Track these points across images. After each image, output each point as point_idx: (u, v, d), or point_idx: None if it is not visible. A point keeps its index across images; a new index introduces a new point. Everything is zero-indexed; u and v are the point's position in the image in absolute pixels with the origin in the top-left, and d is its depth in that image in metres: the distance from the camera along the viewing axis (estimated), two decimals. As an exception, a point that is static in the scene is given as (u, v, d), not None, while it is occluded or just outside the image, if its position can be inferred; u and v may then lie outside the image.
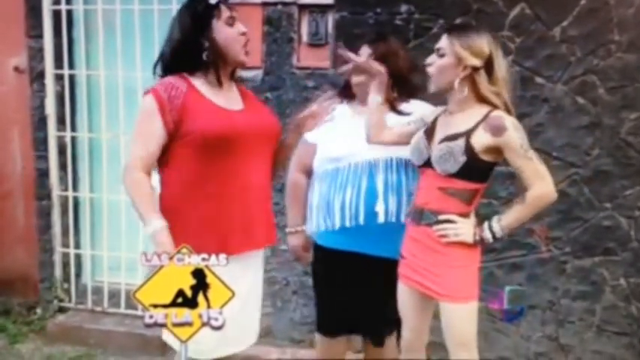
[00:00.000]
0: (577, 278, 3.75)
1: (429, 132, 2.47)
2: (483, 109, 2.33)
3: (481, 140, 2.28)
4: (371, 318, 2.78)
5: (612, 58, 3.56)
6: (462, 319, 2.39)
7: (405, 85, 2.77)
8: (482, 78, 2.32)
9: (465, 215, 2.38)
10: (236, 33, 2.33)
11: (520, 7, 3.59)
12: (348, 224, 2.60)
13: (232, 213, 2.30)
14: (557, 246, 3.73)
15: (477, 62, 2.31)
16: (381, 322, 2.81)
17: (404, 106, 2.77)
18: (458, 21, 3.60)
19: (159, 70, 2.37)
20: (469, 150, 2.28)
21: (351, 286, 2.72)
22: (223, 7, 2.33)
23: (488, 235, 2.35)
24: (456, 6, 3.63)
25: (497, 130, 2.26)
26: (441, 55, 2.38)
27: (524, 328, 3.79)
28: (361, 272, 2.68)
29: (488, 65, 2.32)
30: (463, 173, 2.30)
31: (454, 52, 2.33)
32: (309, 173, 2.83)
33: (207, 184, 2.27)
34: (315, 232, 2.78)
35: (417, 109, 2.75)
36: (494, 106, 2.32)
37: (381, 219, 2.58)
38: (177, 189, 2.32)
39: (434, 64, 2.41)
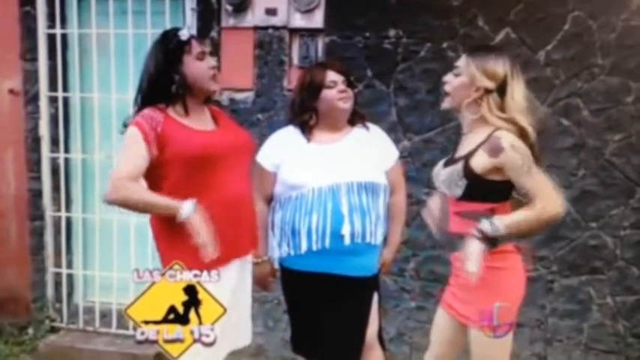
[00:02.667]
0: (564, 297, 3.80)
1: (449, 160, 2.45)
2: (488, 130, 2.29)
3: (480, 162, 2.25)
4: (341, 335, 2.77)
5: (596, 81, 3.65)
6: (496, 347, 2.36)
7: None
8: (491, 101, 2.29)
9: None
10: (206, 67, 2.47)
11: (505, 31, 3.68)
12: (314, 248, 2.63)
13: (220, 225, 2.38)
14: (544, 265, 3.78)
15: (489, 84, 2.29)
16: (353, 339, 2.80)
17: (366, 130, 2.86)
18: (445, 45, 3.69)
19: (138, 102, 2.51)
20: (468, 172, 2.27)
21: (320, 306, 2.74)
22: (194, 43, 2.47)
23: (486, 227, 2.20)
24: (443, 30, 3.72)
25: (494, 151, 2.22)
26: (457, 75, 2.38)
27: (512, 347, 3.81)
28: (329, 291, 2.70)
29: (502, 89, 2.30)
30: (469, 195, 2.29)
31: (469, 72, 2.33)
32: (269, 201, 2.85)
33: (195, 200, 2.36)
34: (280, 257, 2.80)
35: (377, 134, 2.86)
36: (500, 128, 2.28)
37: (347, 241, 2.62)
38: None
39: (450, 82, 2.41)
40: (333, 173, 2.66)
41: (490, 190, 2.29)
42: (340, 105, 2.73)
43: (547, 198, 2.21)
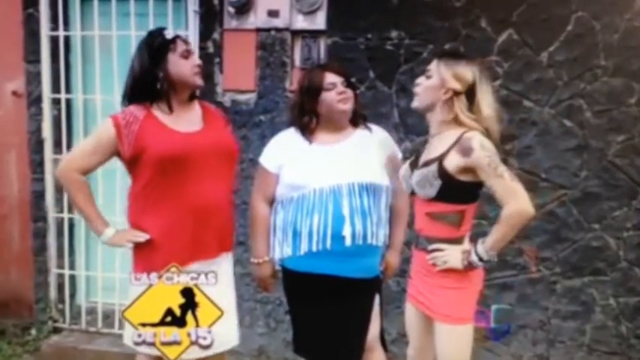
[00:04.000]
0: (567, 298, 3.79)
1: (414, 161, 2.51)
2: (458, 132, 2.35)
3: (453, 162, 2.30)
4: (342, 337, 2.76)
5: (598, 82, 3.63)
6: (454, 340, 2.41)
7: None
8: (461, 103, 2.35)
9: (456, 240, 2.40)
10: (190, 65, 2.55)
11: (508, 32, 3.67)
12: (315, 249, 2.63)
13: (184, 227, 2.51)
14: (546, 266, 3.77)
15: (457, 86, 2.35)
16: (355, 341, 2.79)
17: (369, 131, 2.85)
18: (447, 46, 3.68)
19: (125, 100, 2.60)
20: (443, 173, 2.31)
21: (321, 307, 2.73)
22: (179, 42, 2.55)
23: (474, 259, 2.34)
24: (446, 32, 3.71)
25: (465, 151, 2.28)
26: (428, 77, 2.44)
27: (515, 348, 3.82)
28: (330, 293, 2.69)
29: (470, 93, 2.36)
30: (442, 196, 2.33)
31: (439, 73, 2.39)
32: (270, 202, 2.83)
33: (162, 200, 2.50)
34: (281, 257, 2.80)
35: (380, 135, 2.85)
36: (471, 129, 2.34)
37: (347, 242, 2.61)
38: (138, 204, 2.57)
39: (420, 84, 2.47)
40: (335, 174, 2.66)
41: (461, 192, 2.35)
42: (340, 107, 2.71)
43: (514, 202, 2.25)
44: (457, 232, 2.40)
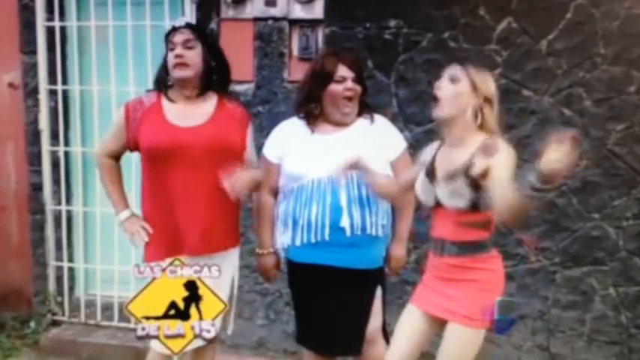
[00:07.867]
0: (567, 288, 3.78)
1: (430, 172, 2.43)
2: (479, 138, 2.30)
3: (479, 167, 2.21)
4: (345, 328, 2.76)
5: (598, 71, 3.61)
6: (468, 342, 2.36)
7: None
8: (490, 109, 2.32)
9: (485, 242, 2.35)
10: (171, 56, 2.59)
11: (507, 21, 3.65)
12: (314, 240, 2.63)
13: (173, 221, 2.54)
14: (546, 256, 3.76)
15: (489, 93, 2.32)
16: (356, 332, 2.79)
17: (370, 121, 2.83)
18: (446, 35, 3.66)
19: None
20: (472, 182, 2.24)
21: (321, 297, 2.73)
22: (175, 33, 2.61)
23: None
24: (444, 20, 3.69)
25: (490, 151, 2.19)
26: (454, 81, 2.34)
27: (515, 338, 3.82)
28: (330, 283, 2.69)
29: (491, 102, 2.34)
30: (474, 205, 2.25)
31: (470, 79, 2.32)
32: (275, 193, 2.83)
33: (155, 193, 2.57)
34: (283, 248, 2.80)
35: (386, 128, 2.85)
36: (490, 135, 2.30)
37: (347, 233, 2.61)
38: (143, 196, 2.68)
39: (445, 88, 2.35)
40: (333, 164, 2.65)
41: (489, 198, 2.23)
42: (343, 103, 2.70)
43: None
44: (485, 233, 2.35)
